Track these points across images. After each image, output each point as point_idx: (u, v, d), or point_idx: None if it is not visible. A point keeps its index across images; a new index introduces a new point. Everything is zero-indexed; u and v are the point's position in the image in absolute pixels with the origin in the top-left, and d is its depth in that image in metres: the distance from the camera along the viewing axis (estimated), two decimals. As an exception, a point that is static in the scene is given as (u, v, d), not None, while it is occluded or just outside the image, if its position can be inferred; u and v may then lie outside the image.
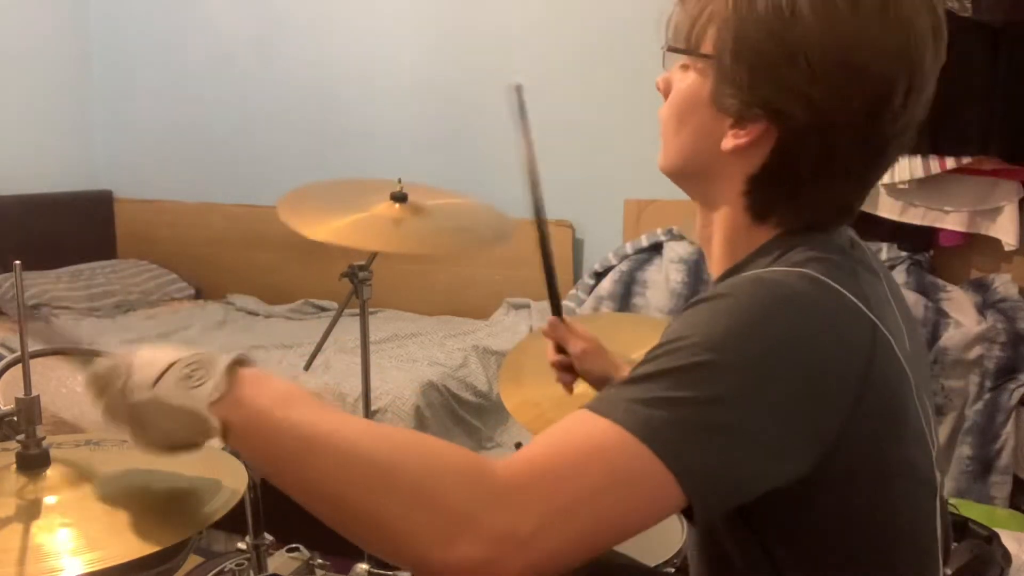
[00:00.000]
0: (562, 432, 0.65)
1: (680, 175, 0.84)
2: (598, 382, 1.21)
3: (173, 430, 0.73)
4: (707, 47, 0.77)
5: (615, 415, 0.64)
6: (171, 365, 0.73)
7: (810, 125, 0.73)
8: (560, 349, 1.24)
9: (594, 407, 0.66)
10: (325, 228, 1.53)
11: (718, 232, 0.83)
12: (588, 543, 0.63)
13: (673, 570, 1.41)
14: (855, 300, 0.69)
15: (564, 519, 0.61)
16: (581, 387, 1.27)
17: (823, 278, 0.70)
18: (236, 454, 0.95)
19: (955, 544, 1.50)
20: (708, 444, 0.63)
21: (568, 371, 1.24)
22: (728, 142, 0.77)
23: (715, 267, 0.85)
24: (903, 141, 0.76)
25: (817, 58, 0.71)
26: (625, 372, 1.18)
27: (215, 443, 0.73)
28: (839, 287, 0.69)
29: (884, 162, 0.77)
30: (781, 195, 0.77)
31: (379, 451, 0.63)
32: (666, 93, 0.84)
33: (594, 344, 1.23)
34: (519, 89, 1.12)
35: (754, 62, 0.73)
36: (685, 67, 0.80)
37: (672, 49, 0.81)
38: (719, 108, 0.77)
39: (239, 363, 0.73)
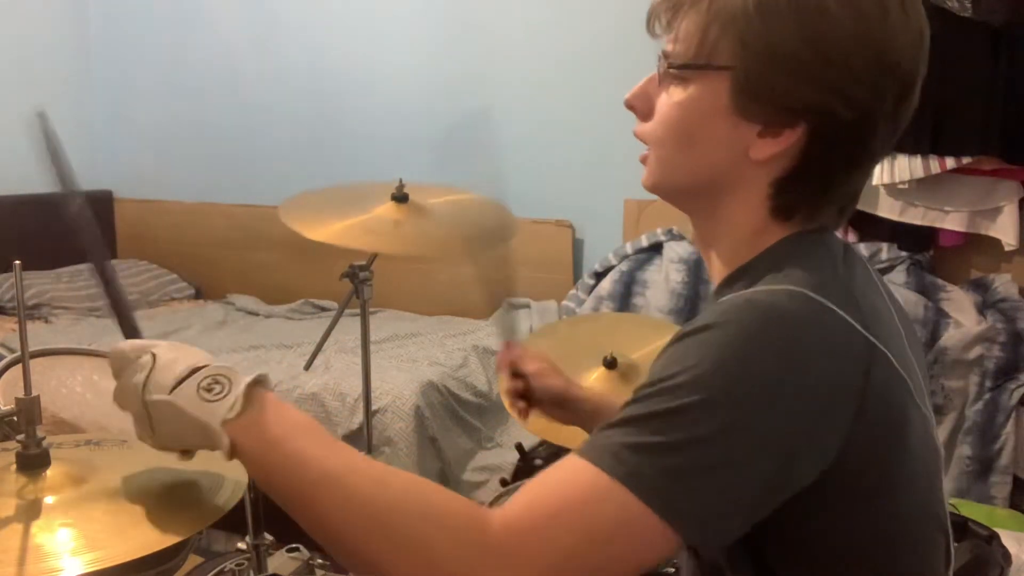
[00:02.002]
0: (554, 482, 0.65)
1: (685, 192, 0.81)
2: (553, 402, 1.18)
3: (181, 435, 0.74)
4: (723, 57, 0.73)
5: (603, 463, 0.63)
6: (193, 372, 0.74)
7: (849, 122, 0.72)
8: (515, 374, 1.20)
9: (585, 453, 0.65)
10: (327, 230, 1.53)
11: (724, 239, 0.81)
12: None
13: (673, 570, 1.41)
14: (847, 317, 0.68)
15: (558, 575, 0.61)
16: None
17: (815, 296, 0.69)
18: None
19: (955, 544, 1.50)
20: (701, 487, 0.62)
21: (521, 398, 1.20)
22: (759, 151, 0.74)
23: (717, 273, 0.82)
24: (905, 125, 0.77)
25: (855, 57, 0.71)
26: (578, 392, 1.17)
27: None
28: (830, 304, 0.68)
29: (891, 148, 0.78)
30: (810, 192, 0.76)
31: (381, 499, 0.65)
32: (643, 110, 0.81)
33: (547, 362, 1.21)
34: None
35: (792, 67, 0.71)
36: (684, 79, 0.76)
37: (681, 66, 0.76)
38: (743, 117, 0.74)
39: (258, 384, 0.73)
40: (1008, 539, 1.60)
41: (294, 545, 1.74)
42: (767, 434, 0.63)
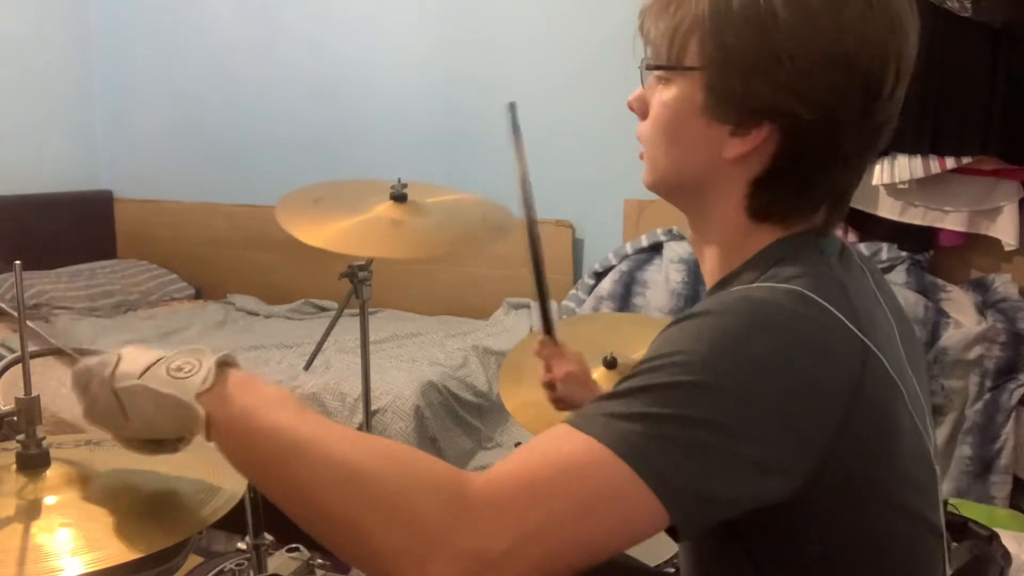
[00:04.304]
0: (540, 447, 0.64)
1: (675, 190, 0.83)
2: (577, 407, 1.20)
3: (157, 419, 0.74)
4: (691, 59, 0.76)
5: (593, 430, 0.63)
6: (160, 359, 0.74)
7: (812, 121, 0.72)
8: (549, 369, 1.24)
9: (573, 421, 0.65)
10: (325, 232, 1.53)
11: (714, 240, 0.82)
12: (563, 563, 0.61)
13: (673, 570, 1.41)
14: (843, 318, 0.69)
15: (537, 539, 0.60)
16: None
17: (811, 295, 0.69)
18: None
19: (955, 544, 1.50)
20: (688, 462, 0.62)
21: (554, 390, 1.24)
22: (731, 150, 0.76)
23: (710, 276, 0.84)
24: (893, 125, 0.77)
25: (803, 55, 0.71)
26: None
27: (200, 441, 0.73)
28: (827, 304, 0.69)
29: (877, 147, 0.77)
30: (785, 193, 0.77)
31: (359, 461, 0.63)
32: (641, 112, 0.83)
33: (581, 368, 1.23)
34: (513, 107, 1.13)
35: (744, 68, 0.73)
36: (666, 80, 0.79)
37: (654, 67, 0.79)
38: (714, 118, 0.76)
39: (226, 363, 0.74)
40: (1008, 539, 1.61)
41: (294, 545, 1.74)
42: (754, 423, 0.64)
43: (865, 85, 0.72)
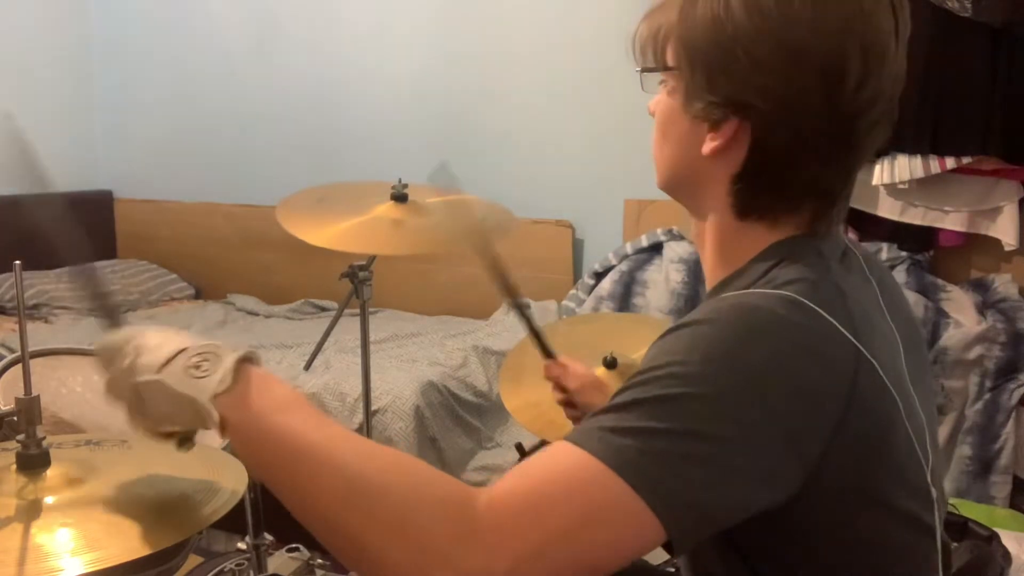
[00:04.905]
0: (541, 464, 0.65)
1: (672, 188, 0.87)
2: None
3: (173, 415, 0.74)
4: (671, 60, 0.80)
5: (590, 445, 0.63)
6: (180, 352, 0.74)
7: (774, 113, 0.74)
8: (562, 387, 1.26)
9: (572, 437, 0.66)
10: (326, 233, 1.53)
11: (709, 240, 0.84)
12: None
13: (674, 570, 1.41)
14: (837, 324, 0.69)
15: (539, 558, 0.61)
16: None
17: (804, 300, 0.69)
18: (236, 454, 0.95)
19: (955, 544, 1.50)
20: (683, 474, 0.62)
21: (574, 407, 1.26)
22: (707, 146, 0.78)
23: (710, 275, 0.85)
24: (873, 117, 0.75)
25: (756, 49, 0.73)
26: None
27: (215, 442, 0.73)
28: (821, 311, 0.69)
29: (857, 141, 0.76)
30: (762, 189, 0.78)
31: (367, 473, 0.64)
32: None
33: (590, 378, 1.25)
34: (445, 166, 1.17)
35: (706, 65, 0.76)
36: (664, 83, 0.83)
37: (644, 69, 0.84)
38: (694, 116, 0.78)
39: (247, 360, 0.73)
40: (1008, 539, 1.61)
41: (294, 545, 1.74)
42: (749, 432, 0.64)
43: (823, 75, 0.72)
